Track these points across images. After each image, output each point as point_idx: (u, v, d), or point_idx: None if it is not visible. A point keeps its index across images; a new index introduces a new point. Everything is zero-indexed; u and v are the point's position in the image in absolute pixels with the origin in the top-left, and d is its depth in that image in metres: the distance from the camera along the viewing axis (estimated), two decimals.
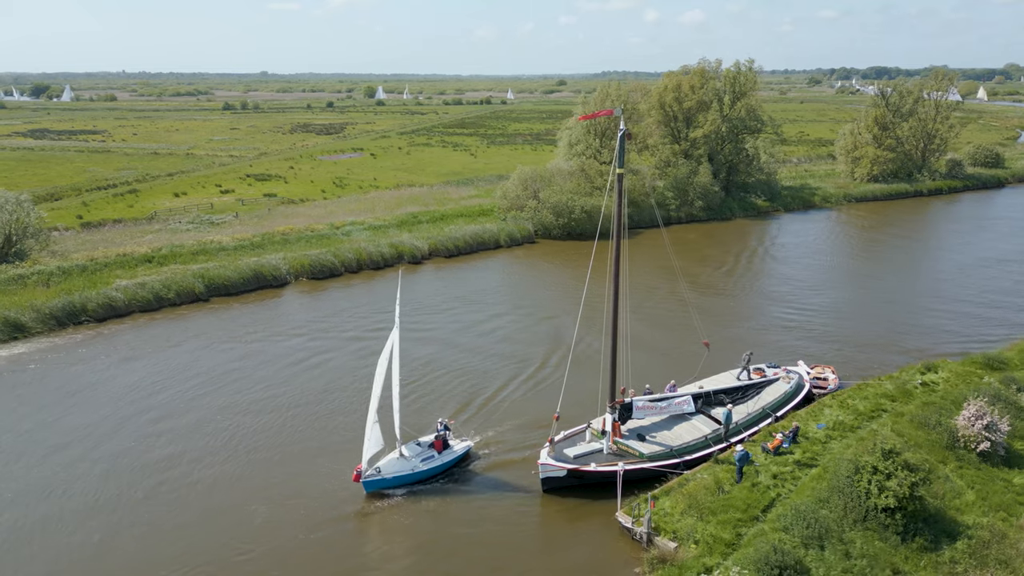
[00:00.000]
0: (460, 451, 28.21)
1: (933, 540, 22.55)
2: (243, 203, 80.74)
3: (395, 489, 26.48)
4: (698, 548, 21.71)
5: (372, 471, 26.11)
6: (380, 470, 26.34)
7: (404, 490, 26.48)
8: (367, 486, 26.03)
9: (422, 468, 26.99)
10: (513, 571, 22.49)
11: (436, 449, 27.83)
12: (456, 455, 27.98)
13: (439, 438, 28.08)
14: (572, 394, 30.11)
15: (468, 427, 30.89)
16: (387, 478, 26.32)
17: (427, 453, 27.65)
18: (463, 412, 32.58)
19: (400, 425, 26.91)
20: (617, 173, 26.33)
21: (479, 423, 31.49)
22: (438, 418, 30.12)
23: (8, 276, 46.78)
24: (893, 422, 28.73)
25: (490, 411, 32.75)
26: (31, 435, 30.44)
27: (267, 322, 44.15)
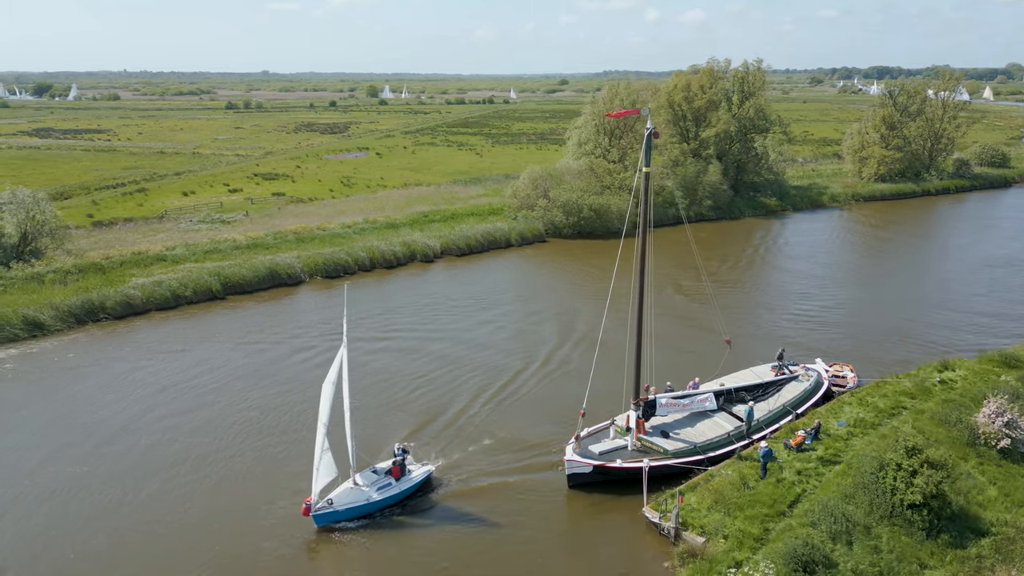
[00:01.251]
0: (419, 478, 26.34)
1: (958, 536, 22.79)
2: (252, 202, 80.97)
3: (349, 522, 24.70)
4: (727, 543, 21.96)
5: (323, 503, 24.42)
6: (332, 502, 24.66)
7: (358, 522, 24.70)
8: (317, 520, 24.27)
9: (377, 498, 25.12)
10: (543, 565, 22.67)
11: (393, 476, 25.91)
12: (415, 482, 26.13)
13: (396, 464, 26.13)
14: (575, 390, 30.25)
15: (431, 449, 29.13)
16: (339, 510, 24.57)
17: (383, 481, 25.69)
18: (446, 427, 31.02)
19: (355, 450, 25.27)
20: (644, 171, 26.57)
21: (445, 444, 29.68)
22: (395, 442, 28.30)
23: (26, 274, 47.05)
24: (914, 419, 28.98)
25: (460, 428, 31.11)
26: (38, 431, 30.70)
27: (283, 323, 44.34)
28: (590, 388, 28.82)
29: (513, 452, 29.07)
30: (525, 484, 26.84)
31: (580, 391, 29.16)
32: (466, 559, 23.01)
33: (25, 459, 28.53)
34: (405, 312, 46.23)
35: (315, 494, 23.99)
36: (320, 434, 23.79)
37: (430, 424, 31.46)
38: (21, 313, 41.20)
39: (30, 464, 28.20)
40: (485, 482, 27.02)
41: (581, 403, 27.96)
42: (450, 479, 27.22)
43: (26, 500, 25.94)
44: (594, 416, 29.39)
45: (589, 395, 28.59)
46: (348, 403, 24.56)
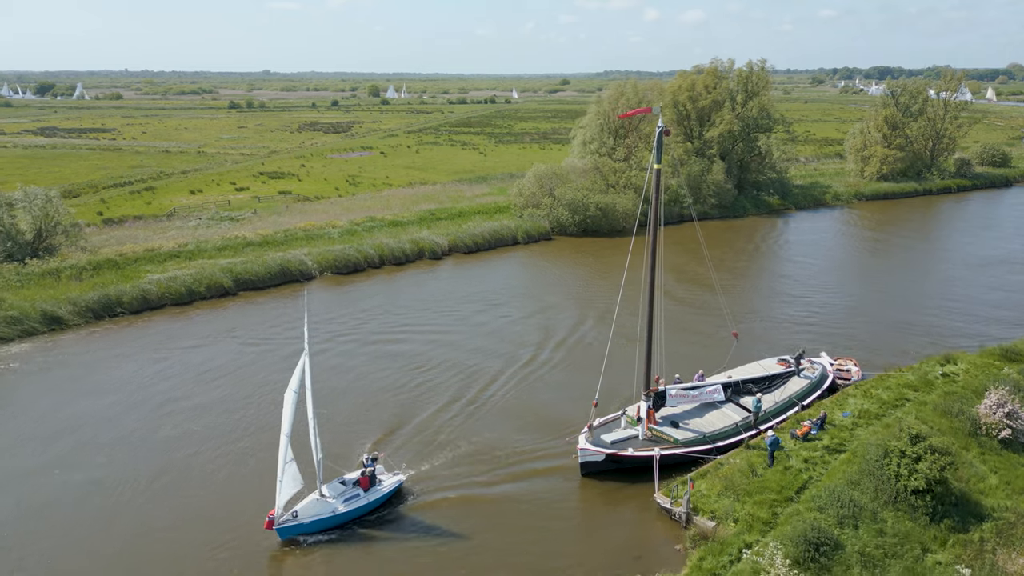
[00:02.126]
0: (389, 488, 25.62)
1: (961, 521, 23.54)
2: (259, 200, 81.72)
3: (314, 535, 24.03)
4: (737, 526, 22.73)
5: (288, 516, 23.75)
6: (297, 514, 23.94)
7: (324, 535, 24.04)
8: (282, 533, 23.54)
9: (344, 510, 24.48)
10: (560, 549, 23.41)
11: (362, 487, 25.18)
12: (384, 493, 25.41)
13: (365, 474, 25.34)
14: (587, 385, 31.02)
15: (402, 457, 28.33)
16: (303, 523, 23.88)
17: (351, 492, 24.98)
18: (422, 434, 30.45)
19: (321, 461, 24.59)
20: (655, 168, 27.34)
21: (415, 452, 28.91)
22: (363, 452, 27.63)
23: (42, 270, 47.84)
24: (917, 410, 29.74)
25: (437, 433, 30.43)
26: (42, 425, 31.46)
27: (295, 320, 45.11)
28: (602, 379, 29.55)
29: (491, 461, 28.27)
30: (507, 494, 26.08)
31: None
32: (435, 573, 22.35)
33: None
34: (416, 308, 47.01)
35: (279, 506, 23.27)
36: (283, 445, 23.00)
37: (425, 430, 30.88)
38: (39, 308, 42.01)
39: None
40: (458, 493, 26.24)
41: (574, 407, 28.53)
42: (422, 489, 26.40)
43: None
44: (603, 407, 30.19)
45: (594, 388, 29.40)
46: (312, 412, 23.66)
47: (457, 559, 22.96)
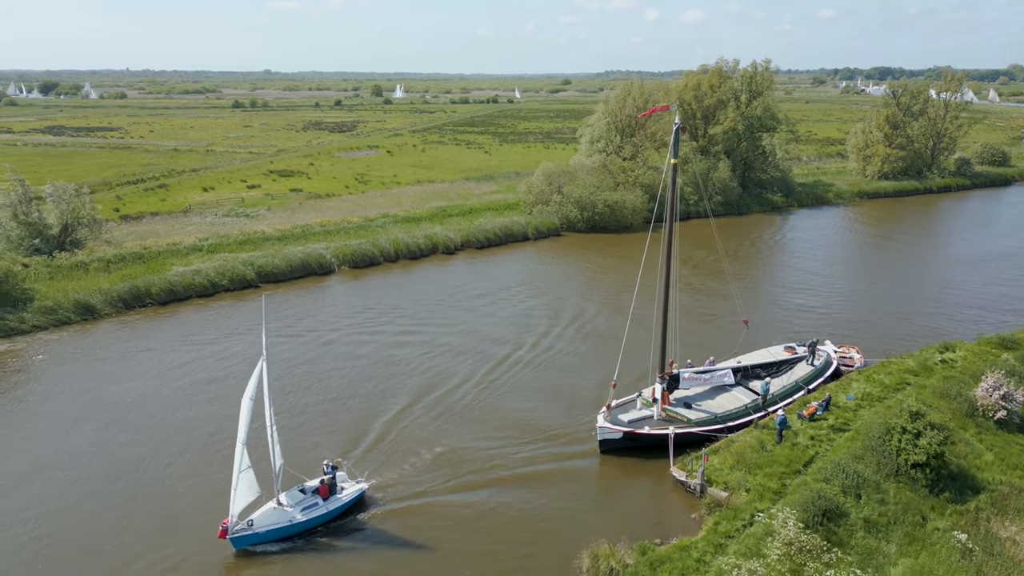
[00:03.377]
0: (349, 497, 25.10)
1: (958, 493, 25.15)
2: (272, 197, 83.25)
3: (270, 544, 23.47)
4: (749, 495, 24.35)
5: (243, 524, 23.14)
6: (252, 523, 23.35)
7: (281, 545, 23.47)
8: (235, 542, 22.95)
9: (301, 519, 23.97)
10: (581, 518, 25.00)
11: (321, 495, 24.76)
12: (343, 502, 24.90)
13: (324, 482, 24.90)
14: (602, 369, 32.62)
15: (366, 466, 27.79)
16: (259, 532, 23.23)
17: (310, 500, 24.54)
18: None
19: (282, 468, 24.20)
20: (671, 163, 28.98)
21: (378, 461, 28.29)
22: (324, 459, 26.91)
23: (71, 262, 49.48)
24: (917, 393, 31.35)
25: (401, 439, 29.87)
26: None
27: (315, 312, 46.70)
28: (620, 362, 31.13)
29: (457, 466, 28.07)
30: (465, 502, 25.48)
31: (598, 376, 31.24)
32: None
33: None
34: (438, 301, 48.62)
35: (233, 515, 22.65)
36: (238, 452, 22.49)
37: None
38: (73, 298, 43.66)
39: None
40: (422, 500, 25.84)
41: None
42: (387, 496, 25.92)
43: None
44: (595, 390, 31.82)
45: (600, 374, 31.02)
46: (270, 419, 23.25)
47: (420, 568, 22.41)
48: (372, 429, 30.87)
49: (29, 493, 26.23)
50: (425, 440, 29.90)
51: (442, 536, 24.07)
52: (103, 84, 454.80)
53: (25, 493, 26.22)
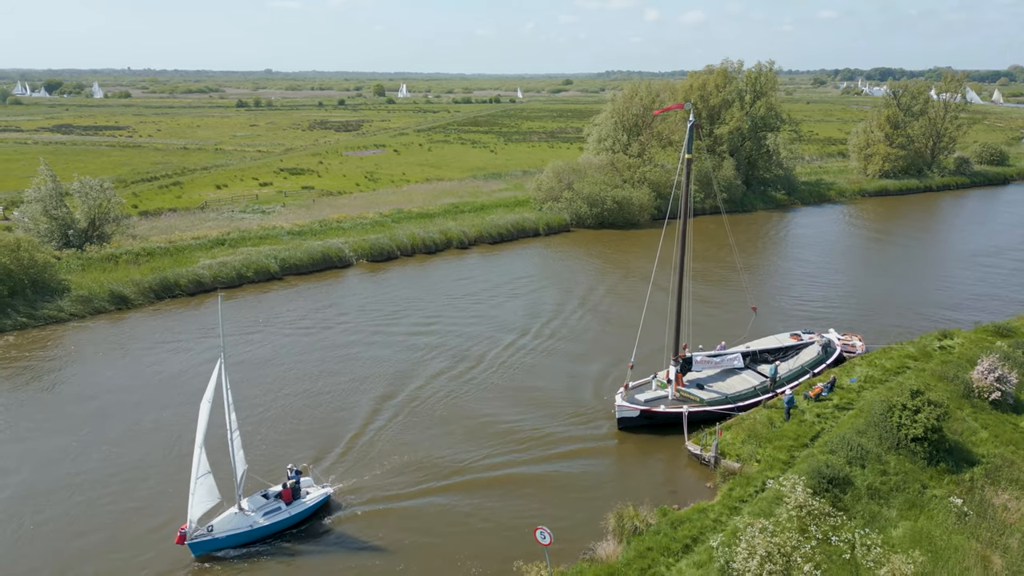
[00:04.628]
0: (313, 501, 24.99)
1: (954, 465, 26.99)
2: (286, 195, 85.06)
3: (231, 549, 23.32)
4: (760, 466, 26.21)
5: (203, 530, 22.98)
6: (212, 528, 23.15)
7: (242, 550, 23.32)
8: (194, 548, 22.71)
9: (263, 523, 23.78)
10: (603, 490, 26.82)
11: (284, 500, 24.59)
12: (307, 506, 24.77)
13: (287, 487, 24.82)
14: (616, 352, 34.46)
15: (334, 471, 27.70)
16: (218, 537, 23.05)
17: (272, 505, 24.37)
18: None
19: (245, 473, 24.09)
20: (686, 157, 30.84)
21: (349, 465, 28.17)
22: (288, 464, 26.88)
23: (102, 255, 51.33)
24: (917, 376, 33.18)
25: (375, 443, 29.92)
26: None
27: (336, 303, 48.54)
28: (637, 345, 32.97)
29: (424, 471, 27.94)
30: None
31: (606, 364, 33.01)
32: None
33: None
34: (457, 291, 50.49)
35: (191, 520, 22.42)
36: (196, 456, 22.36)
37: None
38: (108, 288, 45.53)
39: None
40: (386, 506, 25.76)
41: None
42: (351, 501, 25.90)
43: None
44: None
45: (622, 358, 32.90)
46: (231, 422, 23.16)
47: (382, 572, 22.37)
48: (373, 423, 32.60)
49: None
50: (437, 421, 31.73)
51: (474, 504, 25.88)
52: (106, 83, 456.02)
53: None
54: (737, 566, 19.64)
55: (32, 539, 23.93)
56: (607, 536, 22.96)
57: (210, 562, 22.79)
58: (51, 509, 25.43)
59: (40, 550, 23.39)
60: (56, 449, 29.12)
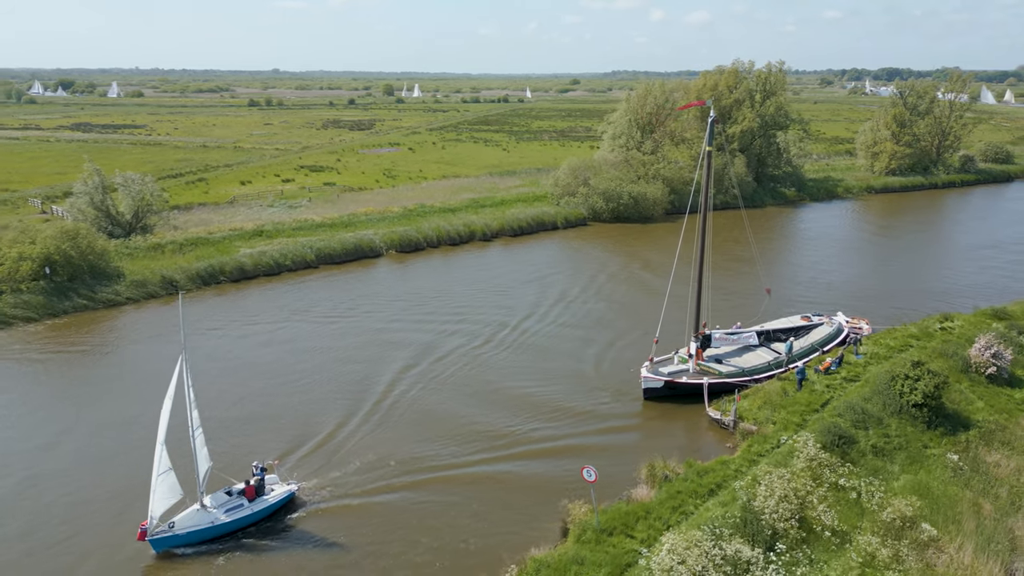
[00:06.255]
0: (276, 498, 25.08)
1: (951, 429, 29.75)
2: (309, 190, 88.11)
3: (191, 546, 23.43)
4: (775, 427, 29.03)
5: (164, 527, 23.04)
6: (173, 525, 23.27)
7: (203, 547, 23.46)
8: (155, 544, 22.80)
9: (224, 520, 23.84)
10: (632, 449, 29.65)
11: (247, 496, 24.72)
12: (270, 503, 24.87)
13: (251, 483, 24.97)
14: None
15: (306, 468, 27.97)
16: (179, 534, 23.12)
17: (235, 502, 24.47)
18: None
19: (209, 470, 24.25)
20: (707, 150, 33.69)
21: (320, 463, 28.36)
22: (253, 460, 27.08)
23: (148, 245, 54.49)
24: (919, 353, 35.91)
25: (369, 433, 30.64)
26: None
27: (368, 294, 51.50)
28: (661, 323, 35.73)
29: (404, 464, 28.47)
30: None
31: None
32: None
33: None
34: (487, 279, 53.42)
35: (152, 517, 22.54)
36: (157, 453, 22.56)
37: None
38: (160, 274, 48.69)
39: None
40: (352, 501, 26.05)
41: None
42: (314, 497, 26.17)
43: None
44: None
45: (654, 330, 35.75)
46: (195, 419, 23.42)
47: (346, 567, 22.73)
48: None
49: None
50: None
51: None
52: (115, 83, 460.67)
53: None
54: (757, 504, 22.44)
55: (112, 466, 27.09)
56: (640, 484, 25.82)
57: (170, 558, 22.95)
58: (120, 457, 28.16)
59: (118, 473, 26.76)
60: (124, 417, 32.09)
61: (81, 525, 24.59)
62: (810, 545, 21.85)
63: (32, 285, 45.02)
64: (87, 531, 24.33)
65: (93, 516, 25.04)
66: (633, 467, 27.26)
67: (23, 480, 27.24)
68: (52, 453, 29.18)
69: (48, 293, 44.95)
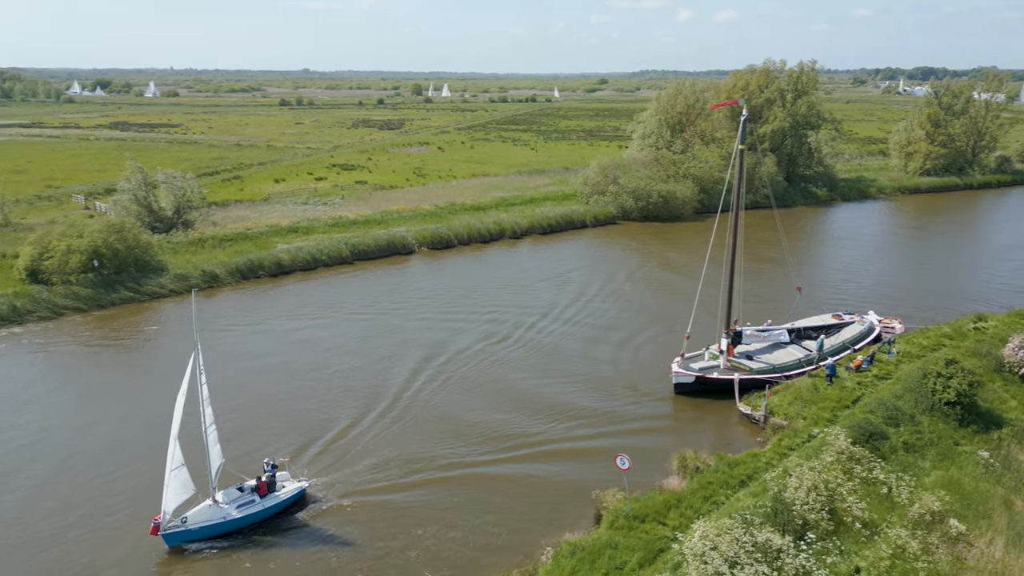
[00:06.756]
0: (287, 495, 25.34)
1: (983, 427, 29.83)
2: (342, 188, 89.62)
3: (203, 541, 23.69)
4: (805, 422, 29.38)
5: (176, 521, 23.37)
6: (186, 520, 23.58)
7: (215, 542, 23.71)
8: (167, 539, 23.15)
9: (236, 516, 24.21)
10: (663, 442, 30.18)
11: (259, 493, 25.04)
12: (281, 500, 25.13)
13: (263, 480, 25.27)
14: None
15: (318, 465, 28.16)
16: (191, 529, 23.46)
17: (246, 498, 24.82)
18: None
19: (222, 466, 24.67)
20: (739, 148, 34.10)
21: (333, 460, 28.56)
22: (264, 457, 27.21)
23: (190, 239, 56.23)
24: (952, 352, 35.85)
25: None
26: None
27: (398, 290, 52.43)
28: (692, 318, 36.15)
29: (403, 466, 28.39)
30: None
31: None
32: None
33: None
34: (515, 274, 54.25)
35: (165, 512, 22.87)
36: (171, 448, 22.91)
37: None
38: (201, 268, 50.33)
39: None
40: (359, 500, 26.10)
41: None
42: (326, 496, 26.24)
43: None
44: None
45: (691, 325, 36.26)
46: (209, 415, 23.71)
47: (357, 565, 22.79)
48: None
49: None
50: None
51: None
52: (150, 82, 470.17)
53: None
54: (788, 495, 22.89)
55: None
56: (671, 475, 26.38)
57: (183, 553, 23.30)
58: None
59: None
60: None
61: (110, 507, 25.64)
62: (840, 536, 22.25)
63: (81, 277, 46.81)
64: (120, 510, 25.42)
65: (119, 506, 25.79)
66: (664, 459, 27.80)
67: (63, 460, 28.57)
68: (88, 435, 30.48)
69: (96, 285, 46.72)
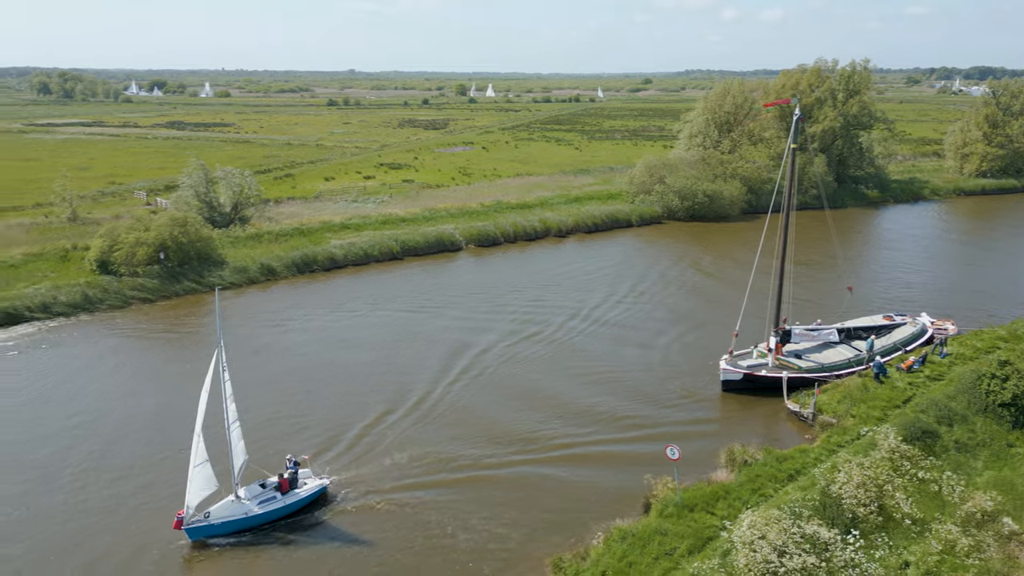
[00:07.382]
0: (308, 492, 25.56)
1: None
2: (390, 187, 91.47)
3: (226, 537, 24.11)
4: (855, 420, 29.46)
5: (199, 516, 23.78)
6: (209, 515, 24.01)
7: (237, 537, 24.14)
8: (191, 533, 23.56)
9: (258, 512, 24.53)
10: (711, 437, 30.56)
11: (281, 490, 25.35)
12: (302, 497, 25.38)
13: (284, 477, 25.58)
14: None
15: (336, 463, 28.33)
16: (214, 524, 23.88)
17: (268, 495, 25.11)
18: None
19: (245, 463, 25.04)
20: (791, 148, 34.26)
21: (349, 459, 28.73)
22: (287, 454, 27.33)
23: (247, 234, 58.43)
24: (1007, 354, 35.26)
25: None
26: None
27: (445, 287, 53.65)
28: (741, 317, 36.38)
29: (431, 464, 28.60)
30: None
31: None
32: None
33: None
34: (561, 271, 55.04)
35: (188, 506, 23.26)
36: (195, 444, 23.33)
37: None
38: (259, 261, 52.41)
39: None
40: (380, 498, 26.21)
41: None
42: (347, 494, 26.44)
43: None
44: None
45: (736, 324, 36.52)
46: (232, 412, 23.95)
47: (374, 564, 22.90)
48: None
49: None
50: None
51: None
52: (203, 83, 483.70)
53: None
54: (836, 489, 23.15)
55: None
56: (720, 468, 26.83)
57: (205, 547, 23.74)
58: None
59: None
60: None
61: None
62: (888, 532, 22.43)
63: (147, 269, 49.19)
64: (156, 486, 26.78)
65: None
66: (712, 453, 28.26)
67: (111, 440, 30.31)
68: (138, 416, 32.33)
69: (162, 277, 49.06)
